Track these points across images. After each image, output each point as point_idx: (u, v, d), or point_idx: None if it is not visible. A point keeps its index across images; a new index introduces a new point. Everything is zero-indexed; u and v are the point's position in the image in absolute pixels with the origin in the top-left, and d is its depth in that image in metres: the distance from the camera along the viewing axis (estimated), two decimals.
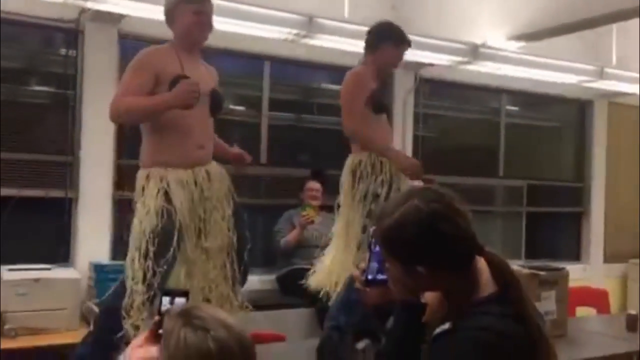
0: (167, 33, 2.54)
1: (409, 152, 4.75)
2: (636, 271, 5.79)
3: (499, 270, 1.26)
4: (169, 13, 2.49)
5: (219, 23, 3.29)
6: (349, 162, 2.93)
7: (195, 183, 2.42)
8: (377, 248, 1.39)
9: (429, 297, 1.34)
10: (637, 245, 6.06)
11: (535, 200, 5.55)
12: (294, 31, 3.43)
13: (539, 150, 5.80)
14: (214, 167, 2.54)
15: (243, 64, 4.37)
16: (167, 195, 2.35)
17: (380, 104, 2.98)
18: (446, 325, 1.24)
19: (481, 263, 1.28)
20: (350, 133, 2.88)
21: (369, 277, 1.41)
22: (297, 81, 4.71)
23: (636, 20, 4.10)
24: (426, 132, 5.08)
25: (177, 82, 2.33)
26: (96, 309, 2.94)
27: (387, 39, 2.94)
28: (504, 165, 5.40)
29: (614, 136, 5.89)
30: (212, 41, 2.59)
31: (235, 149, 2.71)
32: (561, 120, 6.04)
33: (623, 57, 4.78)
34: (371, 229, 1.42)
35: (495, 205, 5.58)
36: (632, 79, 4.73)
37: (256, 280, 4.16)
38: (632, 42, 4.84)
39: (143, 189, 2.38)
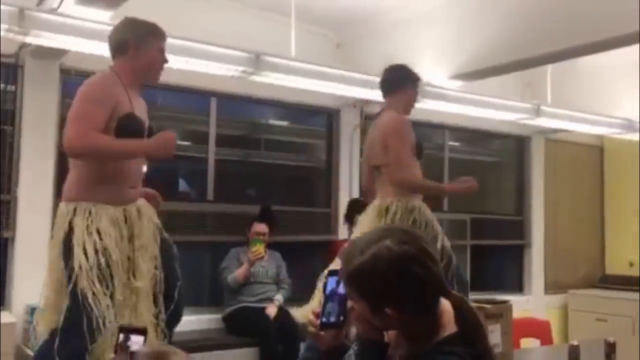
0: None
1: (355, 186, 4.80)
2: (576, 301, 5.97)
3: (462, 312, 1.28)
4: (128, 42, 2.35)
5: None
6: (379, 204, 3.03)
7: (126, 220, 2.33)
8: (330, 290, 1.38)
9: (391, 335, 1.35)
10: (576, 276, 6.27)
11: (479, 233, 5.67)
12: (241, 68, 3.44)
13: (482, 185, 5.94)
14: (144, 204, 2.45)
15: (189, 99, 4.35)
16: (98, 232, 2.24)
17: (421, 150, 3.17)
18: None
19: (444, 304, 1.29)
20: (400, 181, 2.98)
21: (323, 320, 1.40)
22: (244, 117, 4.72)
23: (569, 61, 4.32)
24: None
25: (126, 119, 2.26)
26: (31, 353, 2.81)
27: (407, 79, 3.13)
28: (448, 199, 5.52)
29: (551, 171, 6.12)
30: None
31: (148, 190, 2.58)
32: (501, 156, 6.25)
33: (558, 95, 5.00)
34: (327, 271, 1.41)
35: None
36: (566, 116, 4.95)
37: (202, 320, 4.08)
38: (566, 81, 5.08)
39: (70, 223, 2.24)
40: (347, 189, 4.77)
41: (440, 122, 5.25)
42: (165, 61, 2.44)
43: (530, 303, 5.71)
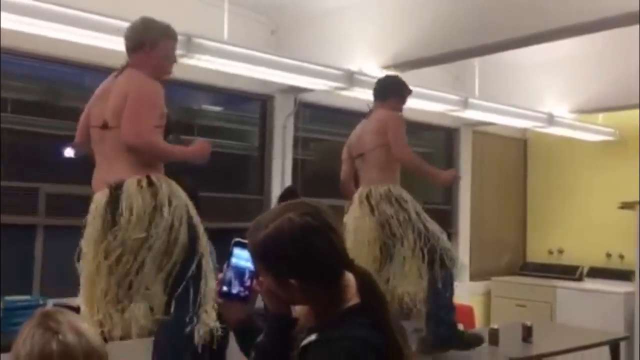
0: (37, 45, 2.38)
1: (288, 174, 4.81)
2: (498, 288, 6.22)
3: (365, 284, 1.30)
4: (149, 40, 2.55)
5: (95, 39, 3.17)
6: (361, 191, 3.33)
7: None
8: (236, 262, 1.39)
9: (299, 310, 1.37)
10: (499, 264, 6.52)
11: None
12: None
13: (413, 175, 6.07)
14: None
15: None
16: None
17: None
18: (313, 337, 1.26)
19: (349, 276, 1.32)
20: (403, 155, 3.30)
21: (224, 288, 1.40)
22: (177, 102, 4.61)
23: (496, 55, 4.47)
24: (305, 155, 5.17)
25: (168, 118, 2.57)
26: None
27: (396, 93, 3.43)
28: None
29: (477, 162, 6.33)
30: (84, 57, 2.48)
31: None
32: (432, 147, 6.40)
33: (485, 89, 5.16)
34: (233, 240, 1.42)
35: None
36: (493, 109, 5.12)
37: None
38: (493, 75, 5.26)
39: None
40: (280, 176, 4.77)
41: None
42: (175, 60, 2.66)
43: (456, 290, 5.89)
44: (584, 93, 5.49)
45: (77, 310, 1.42)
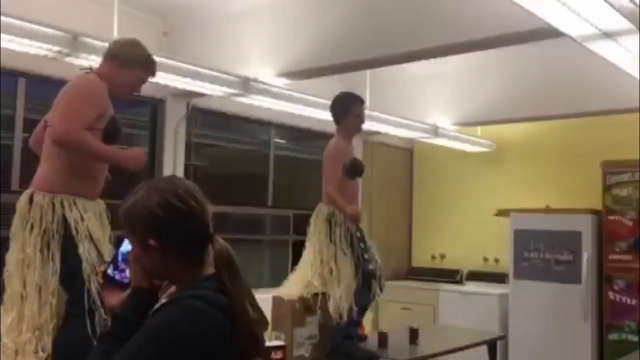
0: None
1: None
2: (386, 292, 6.41)
3: (221, 255, 1.36)
4: (118, 58, 2.63)
5: None
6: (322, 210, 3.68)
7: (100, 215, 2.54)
8: (125, 251, 1.46)
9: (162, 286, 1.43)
10: (387, 269, 6.74)
11: (301, 228, 5.84)
12: (56, 48, 3.17)
13: (305, 182, 6.16)
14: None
15: None
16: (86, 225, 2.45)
17: (356, 169, 3.78)
18: (163, 300, 1.34)
19: (209, 250, 1.38)
20: (326, 193, 3.68)
21: (108, 271, 1.48)
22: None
23: (387, 68, 4.64)
24: (198, 161, 5.07)
25: (113, 122, 2.54)
26: None
27: (346, 113, 3.72)
28: (272, 195, 5.62)
29: (367, 170, 6.47)
30: None
31: None
32: (322, 154, 6.49)
33: (375, 99, 5.33)
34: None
35: (264, 234, 5.76)
36: (383, 119, 5.30)
37: None
38: (383, 86, 5.44)
39: (64, 215, 2.40)
40: None
41: (267, 118, 5.33)
42: (139, 90, 2.75)
43: None
44: (465, 107, 5.84)
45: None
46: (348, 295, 3.45)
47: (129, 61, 2.64)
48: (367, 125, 5.34)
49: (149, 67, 2.73)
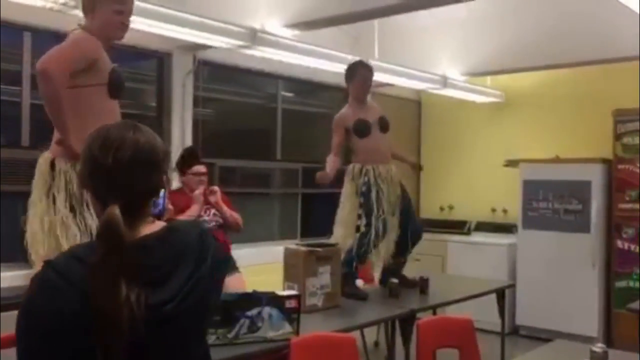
0: None
1: (188, 134, 4.68)
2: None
3: (101, 224, 1.17)
4: (86, 7, 2.60)
5: None
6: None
7: None
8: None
9: None
10: None
11: (309, 181, 5.86)
12: (62, 0, 3.12)
13: (312, 136, 6.13)
14: None
15: None
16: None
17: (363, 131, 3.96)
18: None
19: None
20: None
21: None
22: None
23: (395, 18, 4.55)
24: (205, 115, 5.05)
25: (114, 73, 2.57)
26: None
27: (351, 76, 3.96)
28: (281, 149, 5.61)
29: None
30: None
31: None
32: (331, 107, 6.45)
33: (384, 50, 5.26)
34: None
35: (273, 187, 5.78)
36: (391, 70, 5.23)
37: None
38: (391, 36, 5.36)
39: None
40: (180, 137, 4.63)
41: (274, 71, 5.26)
42: (122, 23, 2.63)
43: None
44: (475, 56, 5.75)
45: None
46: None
47: (93, 2, 2.60)
48: (376, 77, 5.31)
49: None
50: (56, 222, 2.40)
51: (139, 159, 1.22)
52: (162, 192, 1.38)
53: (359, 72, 3.95)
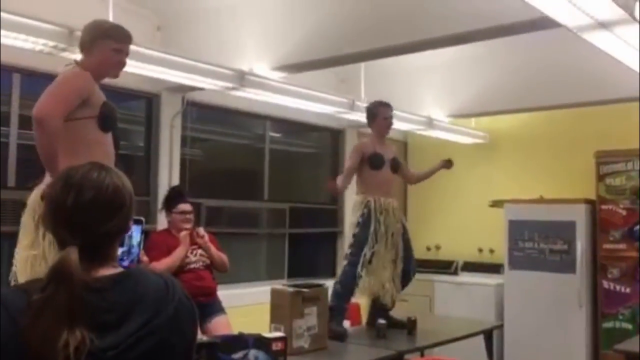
0: None
1: (175, 174, 4.69)
2: None
3: (52, 267, 1.15)
4: (84, 44, 2.67)
5: None
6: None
7: None
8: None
9: None
10: None
11: (297, 222, 5.87)
12: (52, 43, 3.16)
13: (299, 176, 6.17)
14: None
15: None
16: None
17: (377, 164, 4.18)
18: None
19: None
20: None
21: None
22: None
23: (382, 60, 4.64)
24: (193, 155, 5.07)
25: (105, 106, 2.61)
26: None
27: (374, 116, 4.26)
28: (268, 188, 5.62)
29: None
30: None
31: None
32: (318, 147, 6.52)
33: (370, 91, 5.34)
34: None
35: (260, 228, 5.77)
36: None
37: None
38: (377, 78, 5.45)
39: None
40: (167, 177, 4.63)
41: (262, 112, 5.33)
42: (121, 61, 2.71)
43: None
44: (459, 99, 5.85)
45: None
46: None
47: (92, 40, 2.65)
48: (362, 117, 5.38)
49: (114, 34, 2.69)
50: (39, 255, 2.38)
51: (100, 200, 1.20)
52: (136, 243, 1.37)
53: (380, 110, 4.24)
